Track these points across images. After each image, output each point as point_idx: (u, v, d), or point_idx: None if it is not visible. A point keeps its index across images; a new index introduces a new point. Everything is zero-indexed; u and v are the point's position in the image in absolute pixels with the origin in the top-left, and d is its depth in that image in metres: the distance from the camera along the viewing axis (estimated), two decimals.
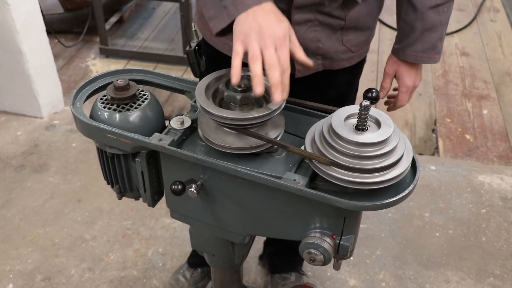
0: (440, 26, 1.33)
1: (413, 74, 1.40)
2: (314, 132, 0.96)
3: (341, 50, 1.34)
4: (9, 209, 2.36)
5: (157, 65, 3.50)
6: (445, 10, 1.32)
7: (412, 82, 1.41)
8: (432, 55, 1.36)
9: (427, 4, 1.29)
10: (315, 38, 1.28)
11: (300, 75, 1.32)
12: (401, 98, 1.43)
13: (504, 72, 3.58)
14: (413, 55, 1.36)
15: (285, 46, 0.96)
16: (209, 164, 0.98)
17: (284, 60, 0.95)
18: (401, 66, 1.39)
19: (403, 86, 1.41)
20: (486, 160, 2.77)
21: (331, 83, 1.41)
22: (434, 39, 1.33)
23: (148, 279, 2.08)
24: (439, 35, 1.34)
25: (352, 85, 1.51)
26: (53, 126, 2.90)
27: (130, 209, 2.37)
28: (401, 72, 1.40)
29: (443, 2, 1.30)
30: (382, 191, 0.92)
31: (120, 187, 1.17)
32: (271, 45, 0.95)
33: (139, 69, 1.19)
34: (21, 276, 2.08)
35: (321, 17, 1.25)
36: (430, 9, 1.29)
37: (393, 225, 2.34)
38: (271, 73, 0.93)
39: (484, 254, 2.22)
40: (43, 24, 2.76)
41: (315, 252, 0.99)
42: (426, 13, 1.30)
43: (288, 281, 2.00)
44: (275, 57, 0.94)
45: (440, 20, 1.32)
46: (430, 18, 1.30)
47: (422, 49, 1.34)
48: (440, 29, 1.33)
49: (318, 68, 1.34)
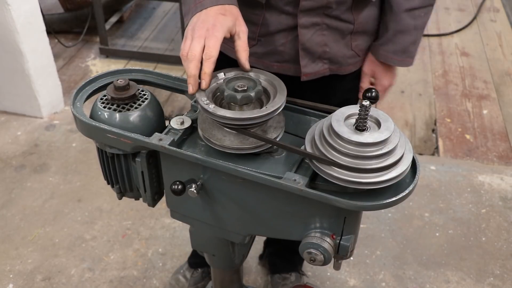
0: (414, 30, 1.32)
1: (389, 74, 1.40)
2: (314, 132, 0.96)
3: (349, 54, 1.33)
4: (9, 209, 2.36)
5: (157, 65, 3.50)
6: (421, 15, 1.30)
7: (389, 82, 1.41)
8: (403, 58, 1.35)
9: (402, 7, 1.28)
10: (322, 42, 1.28)
11: (306, 78, 1.32)
12: None
13: (504, 72, 3.58)
14: (384, 55, 1.35)
15: (213, 36, 0.97)
16: (209, 164, 0.98)
17: (209, 49, 0.97)
18: (377, 67, 1.39)
19: (379, 86, 1.41)
20: (486, 160, 2.77)
21: (336, 89, 1.41)
22: (406, 42, 1.32)
23: (148, 279, 2.08)
24: (413, 39, 1.33)
25: (356, 91, 1.50)
26: (53, 126, 2.90)
27: (130, 209, 2.37)
28: (378, 72, 1.40)
29: (419, 7, 1.29)
30: (382, 191, 0.92)
31: (120, 187, 1.17)
32: (198, 36, 0.98)
33: (139, 69, 1.19)
34: (21, 276, 2.08)
35: (328, 20, 1.25)
36: (405, 12, 1.28)
37: (393, 225, 2.34)
38: (185, 65, 0.97)
39: (484, 254, 2.22)
40: (43, 24, 2.76)
41: (315, 252, 0.99)
42: (401, 15, 1.29)
43: (288, 281, 1.99)
44: (195, 48, 0.96)
45: (414, 24, 1.30)
46: (404, 21, 1.29)
47: (393, 51, 1.33)
48: (414, 33, 1.32)
49: (325, 72, 1.34)
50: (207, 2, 1.04)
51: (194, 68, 0.96)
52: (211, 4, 1.03)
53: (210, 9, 1.03)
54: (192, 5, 1.05)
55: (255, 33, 1.28)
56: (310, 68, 1.32)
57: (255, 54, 1.31)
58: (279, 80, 1.03)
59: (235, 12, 1.05)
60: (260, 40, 1.30)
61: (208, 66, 0.97)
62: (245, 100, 0.97)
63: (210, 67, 0.97)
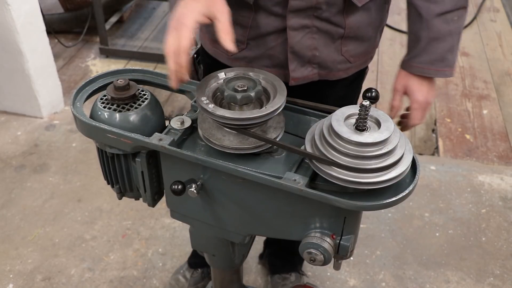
0: (449, 36, 1.21)
1: (425, 89, 1.27)
2: (314, 132, 0.96)
3: (339, 60, 1.28)
4: (9, 209, 2.36)
5: (157, 65, 3.50)
6: (455, 18, 1.20)
7: (425, 98, 1.28)
8: (441, 68, 1.24)
9: (433, 12, 1.18)
10: (312, 46, 1.23)
11: (295, 83, 1.28)
12: (414, 116, 1.30)
13: (504, 72, 3.58)
14: (419, 67, 1.25)
15: (182, 25, 0.95)
16: (209, 164, 0.98)
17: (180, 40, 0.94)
18: (410, 80, 1.28)
19: (415, 103, 1.28)
20: (486, 160, 2.77)
21: (327, 95, 1.34)
22: (442, 50, 1.22)
23: (148, 279, 2.08)
24: (449, 46, 1.22)
25: (349, 100, 1.42)
26: (53, 126, 2.90)
27: (130, 209, 2.37)
28: (411, 87, 1.28)
29: (452, 10, 1.19)
30: (382, 191, 0.92)
31: (120, 187, 1.17)
32: (171, 29, 0.96)
33: (139, 69, 1.19)
34: (21, 276, 2.08)
35: (319, 23, 1.20)
36: (437, 16, 1.19)
37: (393, 225, 2.34)
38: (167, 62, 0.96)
39: (484, 254, 2.22)
40: (43, 24, 2.76)
41: (315, 252, 0.99)
42: (432, 21, 1.19)
43: (288, 281, 1.99)
44: (168, 44, 0.95)
45: (449, 29, 1.20)
46: (436, 27, 1.19)
47: (429, 61, 1.23)
48: (450, 39, 1.21)
49: (314, 77, 1.29)
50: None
51: (172, 64, 0.96)
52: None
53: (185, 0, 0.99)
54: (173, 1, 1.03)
55: (244, 36, 1.24)
56: (299, 73, 1.27)
57: (245, 58, 1.28)
58: (279, 80, 1.03)
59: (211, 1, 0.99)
60: (249, 44, 1.26)
61: (183, 58, 0.95)
62: (245, 100, 0.97)
63: (183, 58, 0.95)
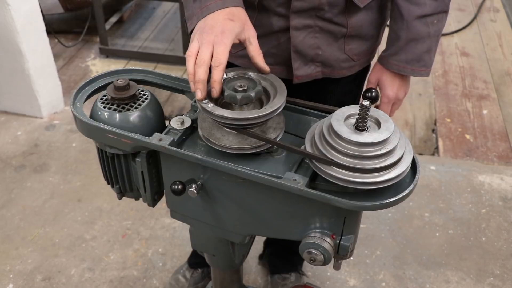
0: (428, 38, 1.25)
1: (396, 84, 1.32)
2: (314, 132, 0.96)
3: (342, 58, 1.31)
4: (9, 209, 2.36)
5: (157, 65, 3.50)
6: (434, 22, 1.24)
7: (395, 94, 1.33)
8: (417, 68, 1.28)
9: (413, 14, 1.22)
10: (314, 45, 1.26)
11: (298, 81, 1.30)
12: (382, 109, 1.34)
13: (504, 72, 3.58)
14: (396, 64, 1.29)
15: (222, 42, 0.97)
16: (209, 164, 0.98)
17: (218, 56, 0.96)
18: (384, 75, 1.32)
19: (384, 97, 1.34)
20: (486, 160, 2.77)
21: (331, 91, 1.38)
22: (420, 51, 1.26)
23: (148, 279, 2.08)
24: (427, 47, 1.26)
25: (353, 94, 1.46)
26: (53, 126, 2.90)
27: (130, 209, 2.37)
28: (383, 81, 1.33)
29: (432, 13, 1.23)
30: (382, 191, 0.92)
31: (120, 187, 1.17)
32: (207, 42, 0.97)
33: (139, 69, 1.19)
34: (21, 276, 2.08)
35: (321, 23, 1.23)
36: (417, 19, 1.23)
37: (393, 225, 2.34)
38: (196, 70, 0.96)
39: (484, 254, 2.22)
40: (43, 24, 2.76)
41: (315, 252, 0.99)
42: (412, 22, 1.23)
43: (288, 281, 1.99)
44: (204, 54, 0.96)
45: (428, 31, 1.24)
46: (416, 29, 1.23)
47: (406, 60, 1.27)
48: (428, 41, 1.25)
49: (318, 75, 1.31)
50: (213, 6, 1.02)
51: (203, 74, 0.96)
52: (217, 8, 1.02)
53: (217, 14, 1.01)
54: (198, 9, 1.04)
55: None
56: (302, 71, 1.29)
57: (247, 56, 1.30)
58: (279, 81, 1.03)
59: (243, 17, 1.03)
60: None
61: (218, 74, 0.96)
62: (245, 100, 0.97)
63: (219, 74, 0.96)
